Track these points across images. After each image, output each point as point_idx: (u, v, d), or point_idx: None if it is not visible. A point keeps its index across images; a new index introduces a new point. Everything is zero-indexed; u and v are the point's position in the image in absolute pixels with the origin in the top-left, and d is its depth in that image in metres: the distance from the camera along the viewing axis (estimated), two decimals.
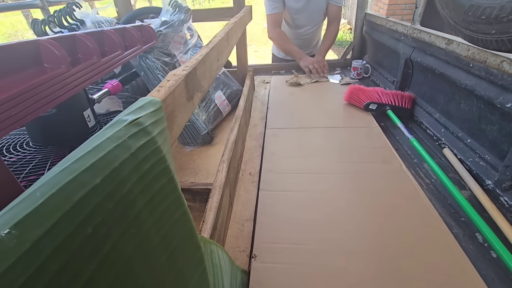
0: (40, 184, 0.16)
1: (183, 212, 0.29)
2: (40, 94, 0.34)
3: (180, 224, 0.28)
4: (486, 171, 0.80)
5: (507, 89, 0.73)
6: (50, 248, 0.14)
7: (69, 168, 0.18)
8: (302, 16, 1.62)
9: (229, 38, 0.69)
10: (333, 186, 0.78)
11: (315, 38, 1.81)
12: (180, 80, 0.35)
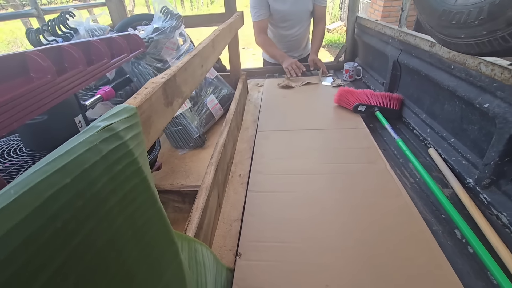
0: (14, 184, 0.19)
1: (156, 209, 0.31)
2: (27, 102, 0.36)
3: (153, 221, 0.30)
4: (467, 169, 0.83)
5: (485, 90, 0.75)
6: (18, 241, 0.16)
7: (42, 170, 0.20)
8: (289, 18, 1.66)
9: (215, 45, 0.72)
10: (319, 186, 0.80)
11: (304, 40, 1.85)
12: (157, 88, 0.38)
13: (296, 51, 1.88)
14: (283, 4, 1.60)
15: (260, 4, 1.59)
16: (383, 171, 0.84)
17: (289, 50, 1.85)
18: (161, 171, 0.95)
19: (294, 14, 1.64)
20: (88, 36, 1.02)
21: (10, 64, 0.37)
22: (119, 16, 1.41)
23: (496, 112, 0.70)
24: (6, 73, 0.36)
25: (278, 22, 1.69)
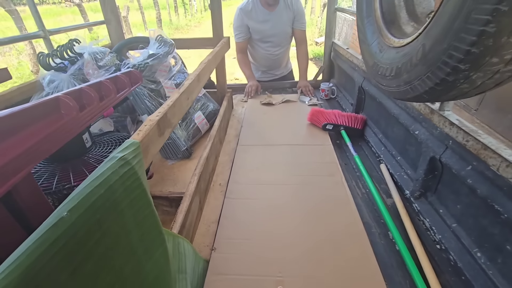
0: (74, 194, 0.34)
1: (150, 210, 0.46)
2: (59, 134, 0.51)
3: (148, 217, 0.45)
4: (407, 183, 1.01)
5: (416, 120, 0.94)
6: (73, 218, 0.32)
7: (88, 185, 0.36)
8: (268, 39, 1.85)
9: (200, 78, 0.88)
10: (283, 194, 0.97)
11: (284, 60, 2.04)
12: (153, 125, 0.54)
13: (277, 70, 2.06)
14: (262, 26, 1.79)
15: (240, 28, 1.80)
16: (338, 183, 1.02)
17: (270, 68, 2.04)
18: (153, 179, 1.09)
19: (273, 36, 1.84)
20: (91, 58, 1.16)
21: (47, 105, 0.52)
22: (117, 37, 1.57)
23: (422, 138, 0.89)
24: (45, 112, 0.51)
25: (259, 42, 1.88)
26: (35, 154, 0.48)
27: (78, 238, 0.31)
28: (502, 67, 0.46)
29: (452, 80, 0.50)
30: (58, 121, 0.52)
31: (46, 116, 0.51)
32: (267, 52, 1.92)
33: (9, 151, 0.42)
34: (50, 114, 0.53)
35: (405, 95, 0.64)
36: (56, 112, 0.53)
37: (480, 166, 0.66)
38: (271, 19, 1.77)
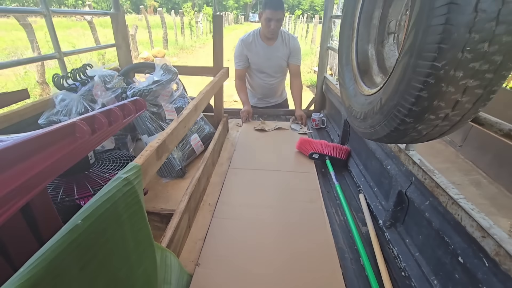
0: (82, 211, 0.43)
1: (145, 223, 0.55)
2: (73, 156, 0.61)
3: (142, 229, 0.54)
4: (380, 213, 1.10)
5: (388, 156, 1.05)
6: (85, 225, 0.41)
7: (98, 200, 0.45)
8: (264, 70, 2.02)
9: (197, 108, 0.99)
10: (267, 217, 1.05)
11: (279, 89, 2.21)
12: (153, 150, 0.63)
13: (272, 98, 2.21)
14: (259, 58, 1.96)
15: (240, 57, 1.97)
16: (318, 209, 1.10)
17: (266, 96, 2.18)
18: (147, 195, 1.17)
19: (268, 68, 2.00)
20: (101, 81, 1.28)
21: (66, 129, 0.61)
22: (125, 61, 1.70)
23: (392, 173, 0.99)
24: (62, 135, 0.60)
25: (256, 72, 2.04)
26: (52, 171, 0.57)
27: (88, 242, 0.40)
28: (439, 122, 0.57)
29: (403, 129, 0.61)
30: (73, 143, 0.61)
31: (64, 138, 0.61)
32: (263, 82, 2.07)
33: (33, 168, 0.51)
34: (67, 137, 0.62)
35: (371, 136, 0.75)
36: (72, 135, 0.63)
37: (434, 202, 0.75)
38: (268, 53, 1.93)
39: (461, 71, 0.48)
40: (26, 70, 5.29)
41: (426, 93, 0.52)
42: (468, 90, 0.50)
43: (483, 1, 0.43)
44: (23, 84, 4.71)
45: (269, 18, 1.76)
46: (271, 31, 1.81)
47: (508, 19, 0.44)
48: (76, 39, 9.41)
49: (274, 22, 1.77)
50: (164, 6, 38.65)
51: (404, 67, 0.55)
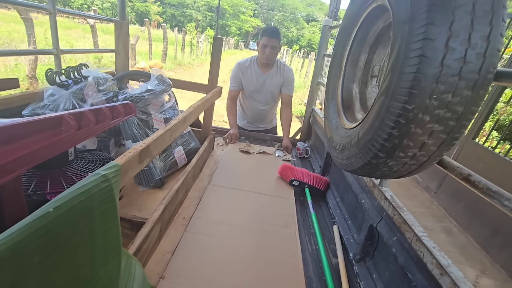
0: (56, 199, 0.43)
1: (116, 223, 0.54)
2: (55, 147, 0.60)
3: (112, 229, 0.53)
4: (352, 246, 1.11)
5: (363, 190, 1.09)
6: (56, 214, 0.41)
7: (75, 191, 0.45)
8: (256, 96, 2.10)
9: (186, 120, 1.02)
10: (239, 237, 1.05)
11: (270, 116, 2.27)
12: (136, 153, 0.64)
13: (261, 123, 2.27)
14: (251, 83, 2.05)
15: (235, 79, 2.06)
16: (291, 235, 1.11)
17: (255, 120, 2.24)
18: (121, 201, 1.14)
19: (260, 93, 2.08)
20: (94, 83, 1.29)
21: (52, 120, 0.62)
22: (122, 67, 1.73)
23: (365, 207, 1.03)
24: (47, 126, 0.61)
25: (248, 97, 2.12)
26: (30, 160, 0.57)
27: (55, 231, 0.40)
28: (408, 160, 0.62)
29: (376, 163, 0.66)
30: (57, 135, 0.61)
31: (49, 129, 0.61)
32: (254, 106, 2.14)
33: (12, 153, 0.51)
34: (52, 128, 0.62)
35: (347, 167, 0.79)
36: (58, 127, 0.63)
37: (401, 238, 0.79)
38: (262, 79, 2.02)
39: (428, 116, 0.53)
40: (17, 62, 5.20)
41: (397, 132, 0.57)
42: (434, 133, 0.56)
43: (448, 58, 0.49)
44: (11, 75, 4.60)
45: (265, 44, 1.88)
46: (265, 57, 1.92)
47: (468, 77, 0.50)
48: (75, 40, 9.42)
49: (269, 48, 1.89)
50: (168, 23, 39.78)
51: (380, 105, 0.61)
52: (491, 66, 0.50)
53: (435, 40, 0.49)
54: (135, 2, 37.86)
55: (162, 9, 43.38)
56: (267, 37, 1.88)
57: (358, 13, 0.89)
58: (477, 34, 0.49)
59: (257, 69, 2.04)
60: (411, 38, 0.53)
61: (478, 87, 0.51)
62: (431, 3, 0.50)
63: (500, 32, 0.50)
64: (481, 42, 0.49)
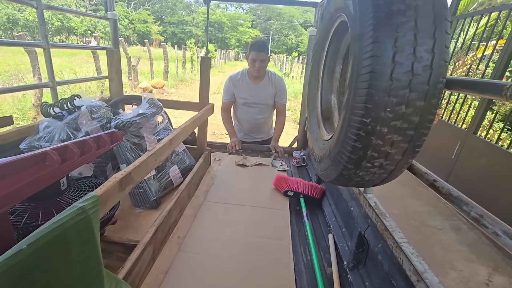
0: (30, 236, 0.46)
1: (95, 252, 0.57)
2: (41, 181, 0.64)
3: (92, 259, 0.56)
4: (346, 254, 1.11)
5: (352, 197, 1.10)
6: (30, 250, 0.43)
7: (50, 226, 0.48)
8: (251, 106, 2.16)
9: (172, 143, 1.05)
10: (232, 252, 1.06)
11: (266, 126, 2.34)
12: (116, 182, 0.68)
13: (258, 134, 2.31)
14: (245, 95, 2.12)
15: (227, 91, 2.15)
16: (284, 247, 1.12)
17: (252, 131, 2.28)
18: (116, 225, 1.17)
19: (254, 105, 2.14)
20: (88, 111, 1.35)
21: (36, 157, 0.66)
22: (116, 93, 1.80)
23: (354, 214, 1.03)
24: (31, 162, 0.65)
25: (243, 107, 2.18)
26: (16, 196, 0.61)
27: (30, 267, 0.42)
28: (376, 170, 0.64)
29: (347, 174, 0.67)
30: (42, 171, 0.65)
31: (33, 166, 0.65)
32: (250, 117, 2.19)
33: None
34: (36, 165, 0.67)
35: (326, 178, 0.80)
36: (42, 163, 0.67)
37: (384, 245, 0.79)
38: (255, 91, 2.08)
39: (386, 127, 0.55)
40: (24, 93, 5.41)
41: (360, 144, 0.59)
42: (395, 143, 0.57)
43: (397, 72, 0.52)
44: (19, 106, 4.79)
45: (254, 59, 1.96)
46: (255, 70, 2.00)
47: (419, 88, 0.52)
48: (79, 66, 9.74)
49: (258, 62, 1.97)
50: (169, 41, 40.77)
51: (343, 120, 0.63)
52: (439, 76, 0.52)
53: (382, 56, 0.52)
54: (136, 24, 39.02)
55: (162, 28, 44.54)
56: (255, 52, 1.96)
57: (327, 27, 0.92)
58: (421, 48, 0.51)
59: (248, 81, 2.10)
60: (361, 55, 0.55)
61: (430, 97, 0.53)
62: (376, 22, 0.53)
63: (445, 44, 0.52)
64: (426, 54, 0.51)
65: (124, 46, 9.26)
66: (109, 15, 1.82)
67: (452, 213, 3.14)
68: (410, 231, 1.93)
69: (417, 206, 3.02)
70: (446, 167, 2.92)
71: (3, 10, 25.43)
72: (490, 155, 2.52)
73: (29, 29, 24.17)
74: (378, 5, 0.52)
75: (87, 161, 0.80)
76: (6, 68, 8.61)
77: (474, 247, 2.63)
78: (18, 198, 0.61)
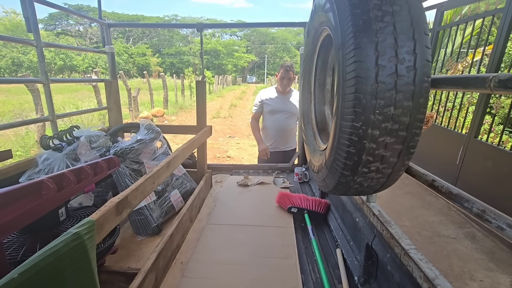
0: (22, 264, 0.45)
1: (91, 279, 0.55)
2: (37, 210, 0.64)
3: (89, 283, 0.54)
4: (356, 268, 1.07)
5: (356, 208, 1.07)
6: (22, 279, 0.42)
7: (45, 253, 0.47)
8: (281, 115, 2.37)
9: (170, 165, 1.05)
10: (238, 276, 1.02)
11: (291, 136, 2.48)
12: (112, 206, 0.67)
13: (285, 143, 2.46)
14: (273, 102, 2.38)
15: (257, 102, 2.46)
16: (291, 267, 1.08)
17: (280, 140, 2.43)
18: (117, 254, 1.14)
19: (283, 113, 2.36)
20: (87, 141, 1.36)
21: (32, 186, 0.66)
22: (115, 122, 1.83)
23: (360, 226, 1.01)
24: (27, 192, 0.65)
25: (271, 114, 2.40)
26: (12, 226, 0.60)
27: None
28: (374, 174, 0.63)
29: (345, 182, 0.66)
30: (37, 200, 0.65)
31: (29, 195, 0.65)
32: (279, 126, 2.38)
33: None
34: (32, 194, 0.66)
35: (325, 188, 0.79)
36: (38, 192, 0.67)
37: (392, 254, 0.76)
38: (282, 99, 2.37)
39: (377, 130, 0.55)
40: (28, 131, 5.51)
41: (354, 149, 0.58)
42: (389, 145, 0.57)
43: (381, 75, 0.52)
44: (22, 143, 4.86)
45: (283, 76, 2.30)
46: (283, 86, 2.33)
47: (404, 89, 0.53)
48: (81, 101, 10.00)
49: (286, 79, 2.31)
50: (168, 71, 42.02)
51: (335, 126, 0.63)
52: (424, 76, 0.53)
53: (365, 61, 0.53)
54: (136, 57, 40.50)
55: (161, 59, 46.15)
56: (283, 71, 2.29)
57: (314, 42, 0.95)
58: (402, 50, 0.52)
59: (277, 94, 2.39)
60: (345, 62, 0.56)
61: (417, 96, 0.53)
62: (355, 29, 0.54)
63: (425, 44, 0.53)
64: (408, 56, 0.52)
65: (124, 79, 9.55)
66: (106, 49, 1.90)
67: (464, 220, 3.04)
68: (424, 242, 1.86)
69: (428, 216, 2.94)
70: (452, 173, 2.88)
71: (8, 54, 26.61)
72: (495, 157, 2.49)
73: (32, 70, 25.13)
74: (356, 14, 0.54)
75: (83, 188, 0.80)
76: (11, 108, 8.85)
77: (492, 254, 2.52)
78: (14, 227, 0.60)
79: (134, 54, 40.56)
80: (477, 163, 2.65)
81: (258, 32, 54.17)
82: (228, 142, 6.70)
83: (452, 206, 3.23)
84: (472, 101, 2.94)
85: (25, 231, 0.88)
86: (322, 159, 0.78)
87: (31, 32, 1.34)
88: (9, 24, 30.23)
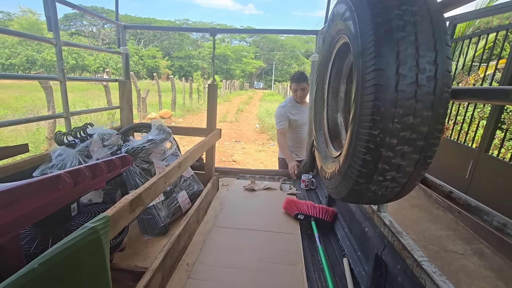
0: (42, 255, 0.46)
1: (105, 273, 0.56)
2: (53, 204, 0.65)
3: (102, 280, 0.55)
4: (363, 279, 1.06)
5: (365, 217, 1.06)
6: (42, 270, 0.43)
7: (64, 245, 0.47)
8: (300, 125, 2.35)
9: (181, 166, 1.06)
10: (244, 280, 1.02)
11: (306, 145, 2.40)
12: (127, 203, 0.68)
13: (301, 152, 2.43)
14: (295, 116, 2.33)
15: (281, 118, 2.30)
16: (297, 273, 1.07)
17: (297, 148, 2.42)
18: (124, 252, 1.15)
19: (301, 123, 2.33)
20: (99, 139, 1.38)
21: (49, 180, 0.67)
22: (127, 121, 1.85)
23: (369, 235, 1.00)
24: (45, 185, 0.66)
25: (295, 129, 2.37)
26: (28, 218, 0.61)
27: (42, 285, 0.42)
28: (389, 183, 0.62)
29: (359, 189, 0.66)
30: (54, 193, 0.66)
31: (46, 189, 0.66)
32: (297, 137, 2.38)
33: (10, 215, 0.55)
34: (50, 187, 0.67)
35: (337, 196, 0.79)
36: (55, 186, 0.68)
37: (404, 265, 0.75)
38: (301, 109, 2.34)
39: (395, 139, 0.55)
40: (39, 127, 5.61)
41: (370, 157, 0.58)
42: (406, 155, 0.57)
43: (401, 84, 0.53)
44: (32, 139, 4.95)
45: (295, 89, 2.28)
46: (298, 97, 2.31)
47: (424, 98, 0.53)
48: (91, 100, 10.15)
49: (299, 91, 2.27)
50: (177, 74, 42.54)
51: (351, 134, 0.63)
52: (444, 86, 0.53)
53: (386, 70, 0.53)
54: (146, 59, 41.12)
55: (170, 62, 46.75)
56: (295, 83, 2.26)
57: (329, 49, 0.96)
58: (424, 60, 0.53)
59: (296, 104, 2.36)
60: (365, 69, 0.57)
61: (437, 107, 0.53)
62: (376, 38, 0.55)
63: (446, 55, 0.53)
64: (429, 66, 0.53)
65: (134, 80, 9.68)
66: (121, 50, 1.94)
67: (473, 236, 2.98)
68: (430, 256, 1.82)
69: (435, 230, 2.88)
70: (461, 188, 2.83)
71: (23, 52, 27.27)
72: (506, 173, 2.45)
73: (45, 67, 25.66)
74: (377, 23, 0.55)
75: (98, 183, 0.81)
76: (23, 104, 9.03)
77: (501, 273, 2.45)
78: (31, 220, 0.61)
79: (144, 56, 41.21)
80: (487, 178, 2.61)
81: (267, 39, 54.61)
82: (234, 146, 6.71)
83: (460, 221, 3.17)
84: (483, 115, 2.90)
85: (37, 225, 0.89)
86: (335, 166, 0.78)
87: (51, 31, 1.38)
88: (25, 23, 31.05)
